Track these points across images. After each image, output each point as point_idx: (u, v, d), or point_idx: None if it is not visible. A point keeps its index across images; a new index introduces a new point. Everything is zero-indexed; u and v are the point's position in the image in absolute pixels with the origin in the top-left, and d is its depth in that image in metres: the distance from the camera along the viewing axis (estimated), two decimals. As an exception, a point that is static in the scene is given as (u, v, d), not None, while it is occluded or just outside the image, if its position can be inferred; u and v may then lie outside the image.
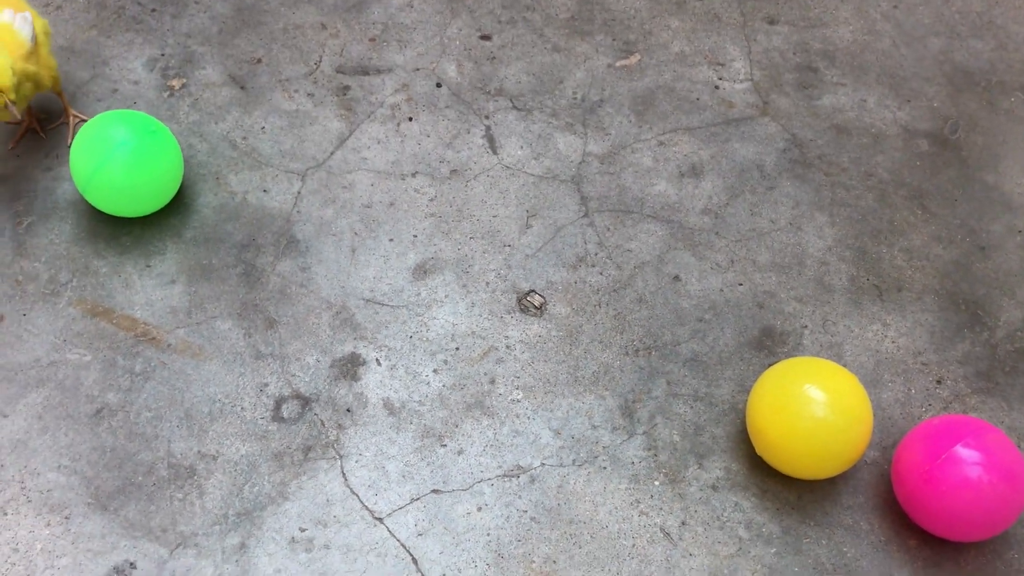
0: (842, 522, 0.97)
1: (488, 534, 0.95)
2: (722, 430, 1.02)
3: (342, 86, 1.26)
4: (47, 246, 1.10)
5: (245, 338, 1.05)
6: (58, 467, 0.97)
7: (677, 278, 1.13)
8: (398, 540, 0.94)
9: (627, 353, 1.07)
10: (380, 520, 0.95)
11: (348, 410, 1.01)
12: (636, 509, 0.97)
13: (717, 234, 1.16)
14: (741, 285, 1.13)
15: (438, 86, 1.26)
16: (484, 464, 0.99)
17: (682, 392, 1.05)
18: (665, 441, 1.01)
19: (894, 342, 1.09)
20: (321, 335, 1.06)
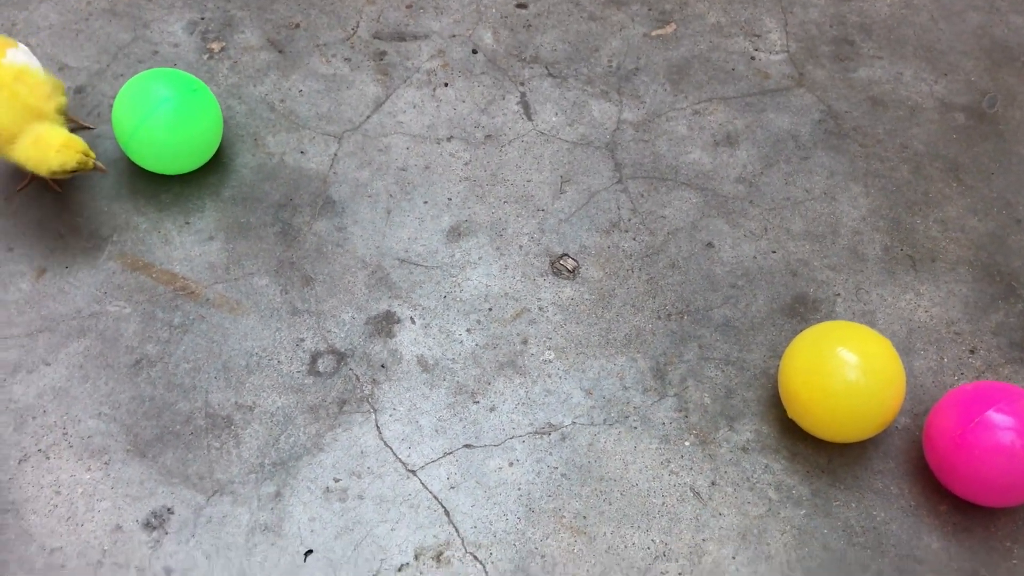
0: (872, 486, 0.98)
1: (519, 489, 0.96)
2: (753, 394, 1.03)
3: (379, 51, 1.27)
4: (88, 202, 1.12)
5: (282, 294, 1.07)
6: (98, 414, 0.98)
7: (710, 245, 1.13)
8: (431, 492, 0.95)
9: (659, 317, 1.08)
10: (413, 473, 0.96)
11: (383, 366, 1.03)
12: (666, 468, 0.98)
13: (751, 202, 1.17)
14: (774, 253, 1.13)
15: (474, 52, 1.27)
16: (516, 421, 1.00)
17: (714, 356, 1.05)
18: (696, 403, 1.02)
19: (927, 311, 1.09)
20: (356, 293, 1.08)
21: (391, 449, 0.97)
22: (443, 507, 0.94)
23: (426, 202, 1.15)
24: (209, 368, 1.02)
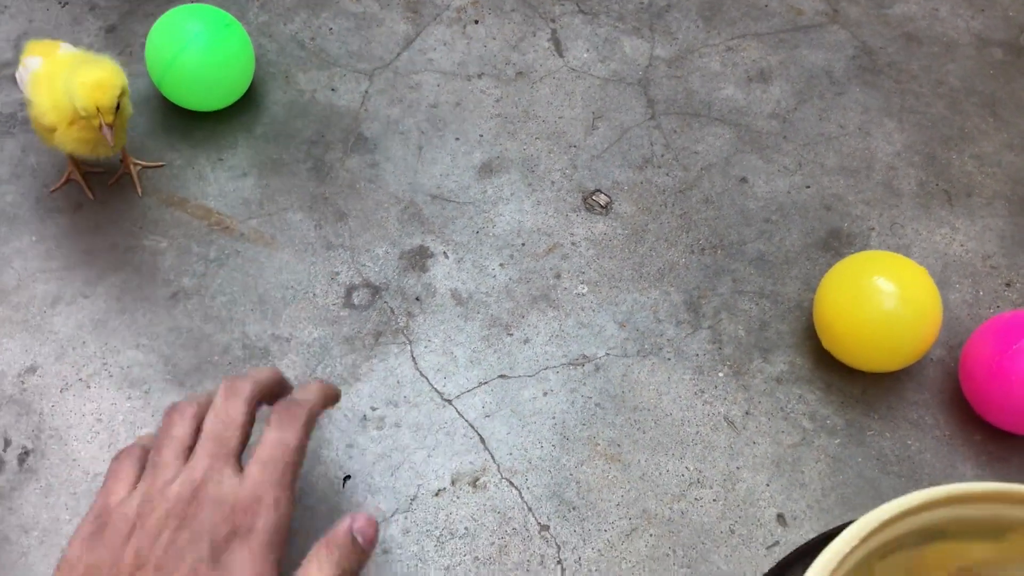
0: (907, 416, 0.98)
1: (554, 417, 0.96)
2: (787, 326, 1.03)
3: (408, -10, 1.26)
4: (123, 139, 1.13)
5: (316, 229, 1.07)
6: (137, 345, 1.00)
7: (744, 180, 1.12)
8: (466, 420, 0.96)
9: (692, 251, 1.07)
10: (449, 402, 0.97)
11: (417, 299, 1.03)
12: (700, 399, 0.98)
13: (785, 138, 1.16)
14: (808, 188, 1.12)
15: (504, -10, 1.26)
16: (550, 353, 1.00)
17: (748, 289, 1.05)
18: (730, 335, 1.02)
19: (962, 245, 1.08)
20: (390, 228, 1.08)
21: (427, 379, 0.98)
22: (478, 435, 0.95)
23: (457, 139, 1.15)
24: (245, 301, 1.03)
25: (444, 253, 1.07)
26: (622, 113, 1.17)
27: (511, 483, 0.93)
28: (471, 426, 0.96)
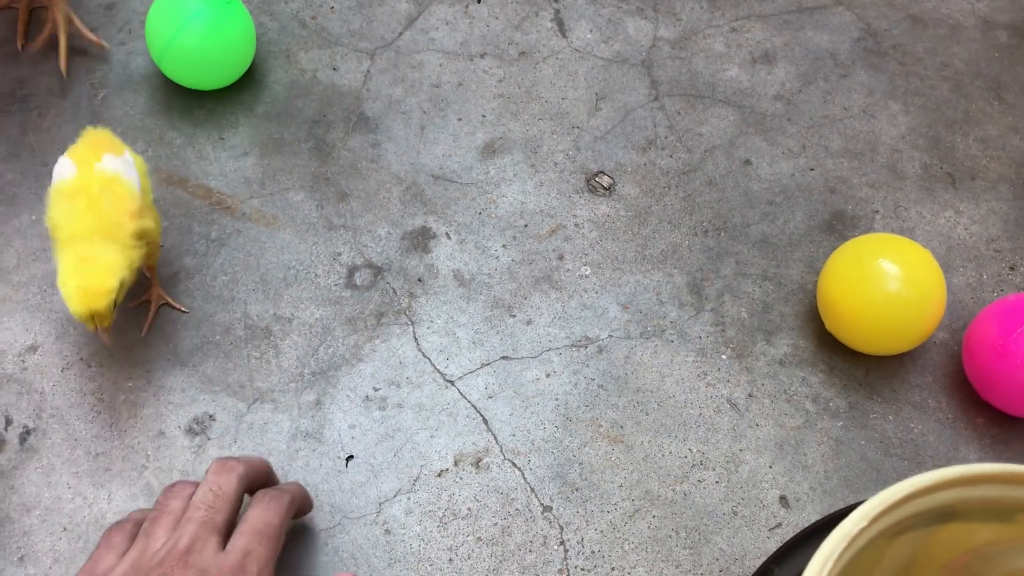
0: (910, 399, 0.98)
1: (556, 399, 0.96)
2: (790, 309, 1.02)
3: (410, -32, 1.25)
4: (122, 118, 1.12)
5: (317, 209, 1.07)
6: (138, 325, 0.99)
7: (748, 162, 1.12)
8: (469, 401, 0.96)
9: (696, 233, 1.07)
10: (451, 383, 0.97)
11: (419, 280, 1.03)
12: (703, 381, 0.98)
13: (789, 120, 1.15)
14: (812, 170, 1.12)
15: (507, -31, 1.25)
16: (552, 334, 1.00)
17: (751, 272, 1.05)
18: (733, 318, 1.02)
19: (967, 229, 1.08)
20: (392, 209, 1.07)
21: (429, 360, 0.98)
22: (481, 416, 0.95)
23: (460, 119, 1.14)
24: (247, 281, 1.02)
25: (446, 234, 1.06)
26: (625, 94, 1.16)
27: (514, 464, 0.93)
28: (474, 407, 0.96)
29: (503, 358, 0.99)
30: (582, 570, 0.88)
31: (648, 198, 1.09)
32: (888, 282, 0.92)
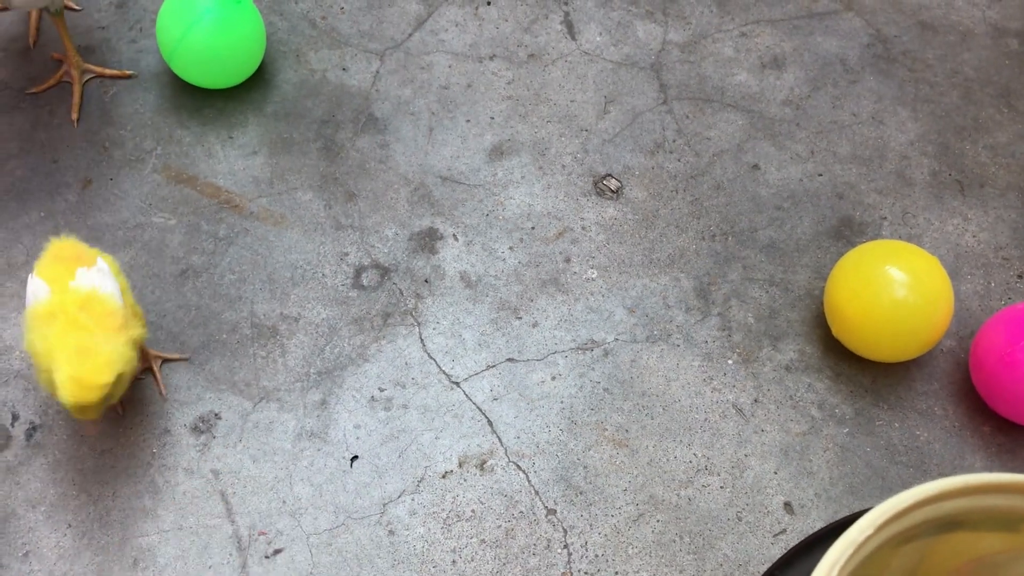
0: (916, 407, 0.97)
1: (562, 402, 0.96)
2: (797, 315, 1.02)
3: (421, -30, 1.25)
4: (132, 115, 1.12)
5: (325, 209, 1.07)
6: (145, 323, 0.99)
7: (756, 167, 1.12)
8: (474, 403, 0.96)
9: (703, 238, 1.07)
10: (457, 384, 0.97)
11: (426, 281, 1.03)
12: (709, 386, 0.98)
13: (798, 125, 1.15)
14: (821, 176, 1.11)
15: (517, -29, 1.25)
16: (558, 337, 1.00)
17: (758, 277, 1.05)
18: (739, 323, 1.02)
19: (975, 236, 1.08)
20: (399, 209, 1.08)
21: (435, 361, 0.98)
22: (486, 418, 0.95)
23: (468, 120, 1.14)
24: (254, 279, 1.02)
25: (454, 235, 1.06)
26: (634, 97, 1.16)
27: (518, 467, 0.93)
28: (479, 409, 0.96)
29: (509, 360, 0.99)
30: (585, 574, 0.88)
31: (656, 202, 1.09)
32: (895, 289, 0.92)
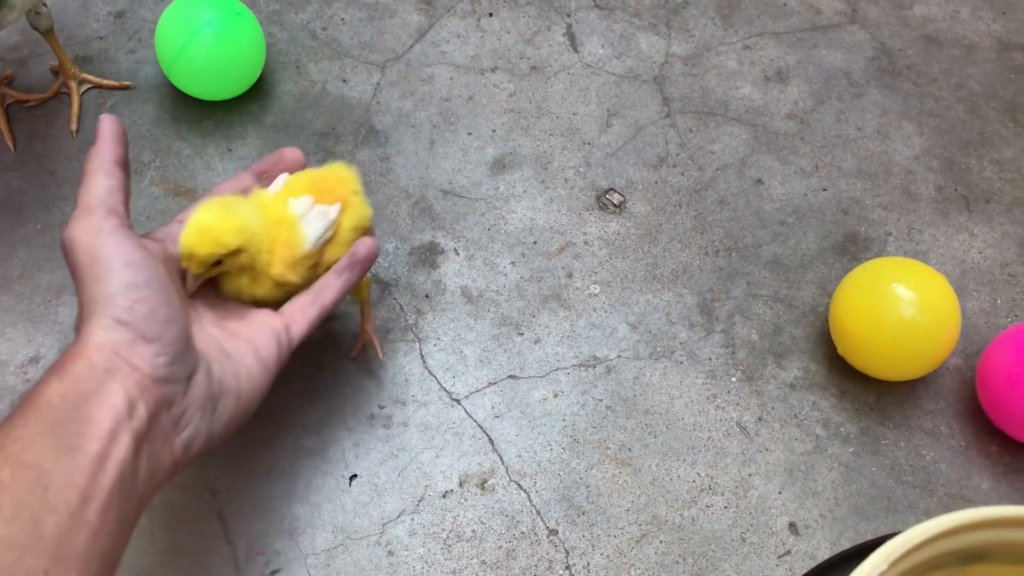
0: (922, 426, 0.96)
1: (564, 420, 0.95)
2: (802, 331, 1.01)
3: (422, -19, 1.24)
4: (130, 127, 1.11)
5: (325, 223, 1.06)
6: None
7: (760, 181, 1.11)
8: (475, 421, 0.95)
9: (707, 253, 1.06)
10: (458, 401, 0.96)
11: (427, 296, 1.02)
12: (712, 403, 0.97)
13: (802, 139, 1.14)
14: (825, 190, 1.10)
15: (519, -17, 1.24)
16: (560, 354, 0.99)
17: (762, 293, 1.03)
18: (743, 339, 1.00)
19: (981, 252, 1.07)
20: (400, 223, 1.06)
21: (435, 378, 0.97)
22: (487, 436, 0.94)
23: (470, 133, 1.13)
24: (252, 294, 1.01)
25: (455, 250, 1.05)
26: (637, 110, 1.15)
27: (520, 486, 0.92)
28: (480, 427, 0.94)
29: (510, 377, 0.97)
30: (588, 595, 0.86)
31: (659, 216, 1.08)
32: (902, 306, 0.90)
